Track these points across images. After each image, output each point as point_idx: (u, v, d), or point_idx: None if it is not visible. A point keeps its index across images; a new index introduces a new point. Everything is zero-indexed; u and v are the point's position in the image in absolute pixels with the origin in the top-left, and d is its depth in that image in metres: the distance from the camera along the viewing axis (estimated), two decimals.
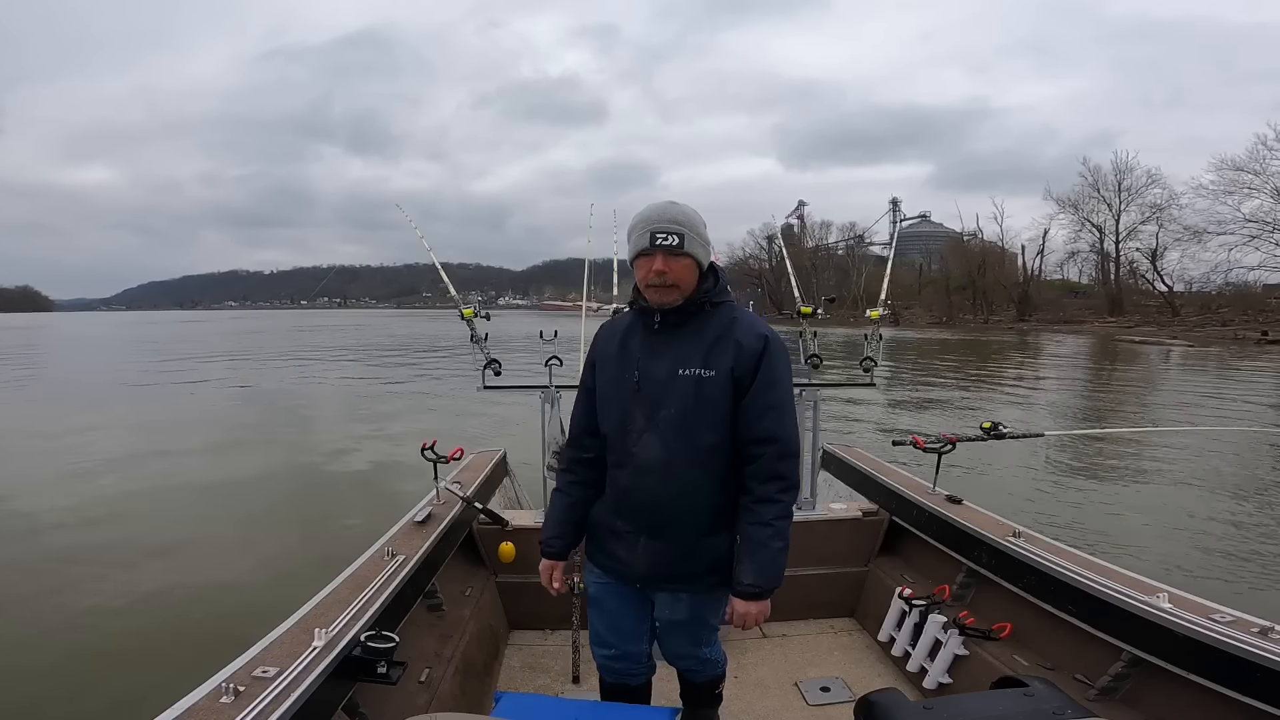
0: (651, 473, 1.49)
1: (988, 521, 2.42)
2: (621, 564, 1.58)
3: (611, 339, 1.59)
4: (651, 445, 1.49)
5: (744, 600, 1.48)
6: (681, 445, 1.47)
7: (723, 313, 1.51)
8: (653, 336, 1.52)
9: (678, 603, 1.59)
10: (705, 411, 1.46)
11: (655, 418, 1.48)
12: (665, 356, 1.49)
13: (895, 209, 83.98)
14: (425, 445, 2.56)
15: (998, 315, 48.53)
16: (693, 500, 1.50)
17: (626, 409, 1.52)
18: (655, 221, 1.45)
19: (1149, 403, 13.15)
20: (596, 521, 1.63)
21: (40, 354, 27.04)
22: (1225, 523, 5.58)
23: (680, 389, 1.47)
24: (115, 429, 9.92)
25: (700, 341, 1.48)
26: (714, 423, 1.46)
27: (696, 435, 1.46)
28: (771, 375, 1.47)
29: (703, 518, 1.51)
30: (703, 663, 1.76)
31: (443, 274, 3.09)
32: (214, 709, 1.24)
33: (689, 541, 1.52)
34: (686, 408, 1.46)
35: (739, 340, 1.47)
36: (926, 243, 72.63)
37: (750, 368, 1.46)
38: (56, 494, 6.40)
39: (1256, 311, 34.45)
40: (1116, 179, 43.59)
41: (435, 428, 3.55)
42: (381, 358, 23.43)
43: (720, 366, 1.46)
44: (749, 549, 1.47)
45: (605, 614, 1.69)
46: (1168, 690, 1.68)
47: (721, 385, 1.45)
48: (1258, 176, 35.22)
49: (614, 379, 1.55)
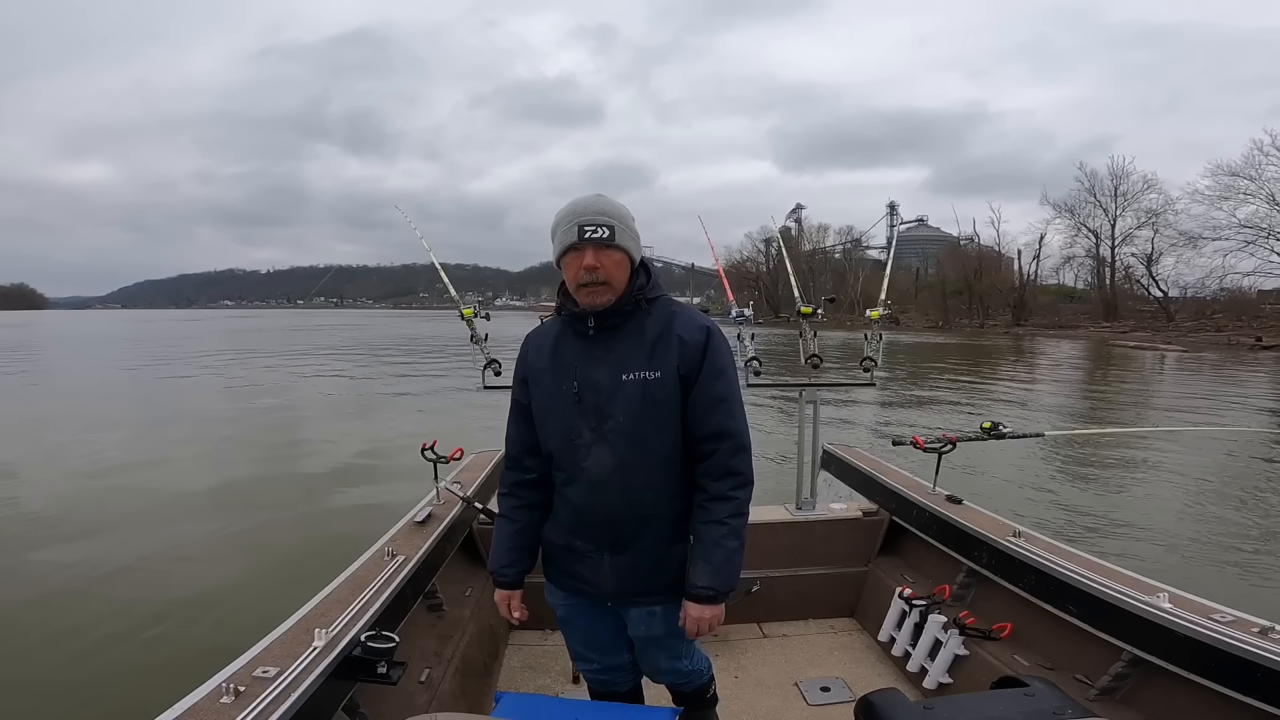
0: (606, 486, 1.41)
1: (988, 521, 2.42)
2: (588, 584, 1.50)
3: (541, 350, 1.49)
4: (602, 457, 1.40)
5: (698, 604, 1.40)
6: (634, 454, 1.39)
7: (659, 309, 1.43)
8: (587, 343, 1.43)
9: (652, 617, 1.51)
10: (655, 415, 1.39)
11: (602, 428, 1.40)
12: (605, 362, 1.40)
13: (893, 213, 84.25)
14: (425, 445, 2.56)
15: (993, 319, 48.67)
16: (653, 509, 1.43)
17: (569, 422, 1.43)
18: (583, 214, 1.36)
19: (1145, 406, 13.21)
20: (552, 543, 1.54)
21: (36, 353, 26.92)
22: (1225, 522, 5.60)
23: (627, 395, 1.38)
24: (114, 430, 9.87)
25: (641, 342, 1.40)
26: (665, 426, 1.39)
27: (649, 441, 1.39)
28: (717, 367, 1.40)
29: (665, 526, 1.44)
30: (686, 675, 1.69)
31: (442, 274, 3.09)
32: (214, 709, 1.24)
33: (655, 552, 1.45)
34: (635, 414, 1.38)
35: (681, 335, 1.39)
36: (923, 246, 72.88)
37: (695, 363, 1.39)
38: (56, 493, 6.37)
39: (1251, 317, 34.61)
40: (1113, 184, 43.92)
41: (435, 428, 3.55)
42: (381, 357, 23.39)
43: (666, 366, 1.38)
44: (703, 550, 1.39)
45: (579, 632, 1.63)
46: (1168, 690, 1.68)
47: (669, 386, 1.38)
48: (1253, 182, 35.48)
49: (550, 392, 1.45)
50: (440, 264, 3.16)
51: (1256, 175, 35.31)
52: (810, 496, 2.86)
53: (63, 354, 26.90)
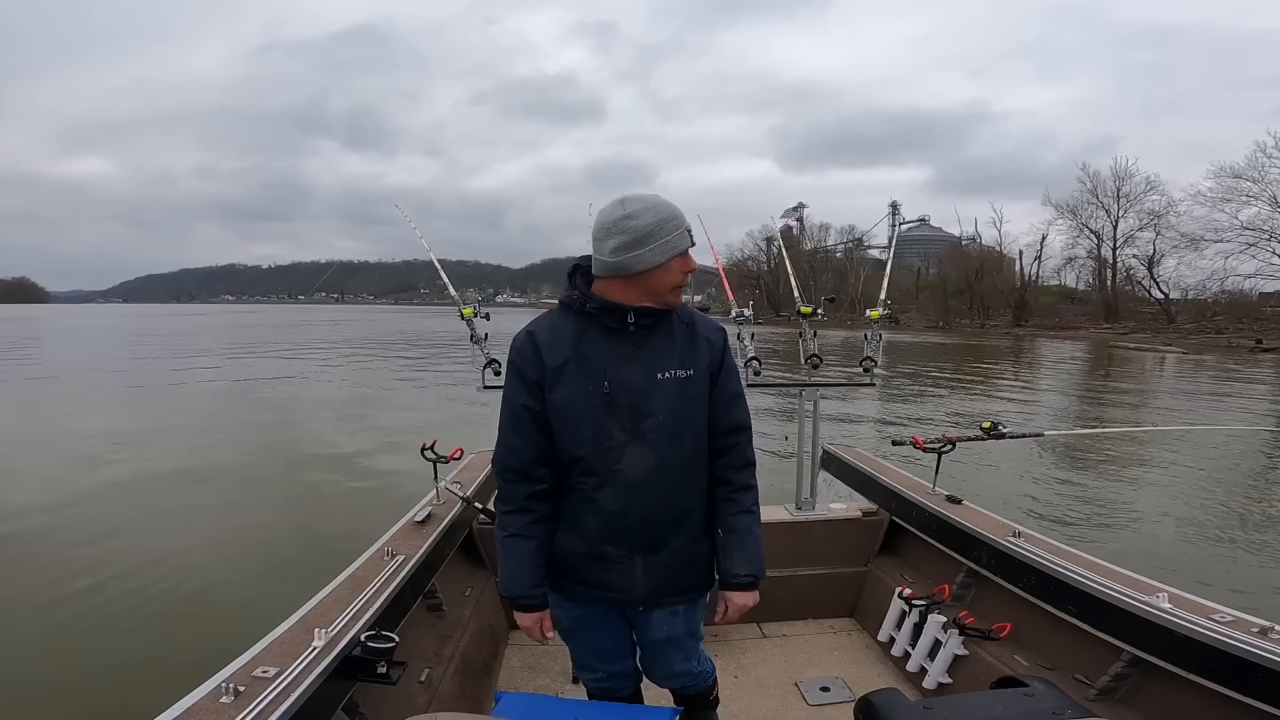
0: (645, 487, 1.39)
1: (988, 521, 2.42)
2: (615, 591, 1.46)
3: (557, 349, 1.38)
4: (640, 458, 1.38)
5: (741, 591, 1.47)
6: (673, 453, 1.40)
7: (681, 310, 1.47)
8: (616, 340, 1.38)
9: (674, 618, 1.53)
10: (691, 414, 1.42)
11: (639, 428, 1.38)
12: (635, 361, 1.38)
13: (894, 212, 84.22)
14: (425, 445, 2.56)
15: (994, 320, 48.64)
16: (687, 506, 1.46)
17: (600, 425, 1.37)
18: (680, 218, 1.37)
19: (1145, 406, 13.20)
20: (570, 553, 1.46)
21: (41, 348, 26.92)
22: (1225, 522, 5.60)
23: (665, 394, 1.39)
24: (115, 428, 9.87)
25: (671, 342, 1.42)
26: (697, 425, 1.44)
27: (685, 440, 1.42)
28: (731, 365, 1.50)
29: (698, 523, 1.48)
30: (695, 676, 1.70)
31: (441, 273, 3.09)
32: (214, 709, 1.24)
33: (689, 550, 1.47)
34: (675, 412, 1.40)
35: (708, 337, 1.46)
36: (925, 247, 72.85)
37: (719, 362, 1.47)
38: (56, 494, 6.36)
39: (1251, 319, 34.54)
40: (1115, 185, 43.83)
41: (435, 428, 3.56)
42: (382, 354, 23.38)
43: (698, 366, 1.43)
44: (738, 540, 1.46)
45: (585, 642, 1.62)
46: (1168, 690, 1.68)
47: (701, 385, 1.43)
48: (1256, 184, 35.42)
49: (575, 392, 1.37)
50: (441, 260, 3.17)
51: (1259, 177, 35.27)
52: (810, 496, 2.86)
53: (67, 349, 26.84)
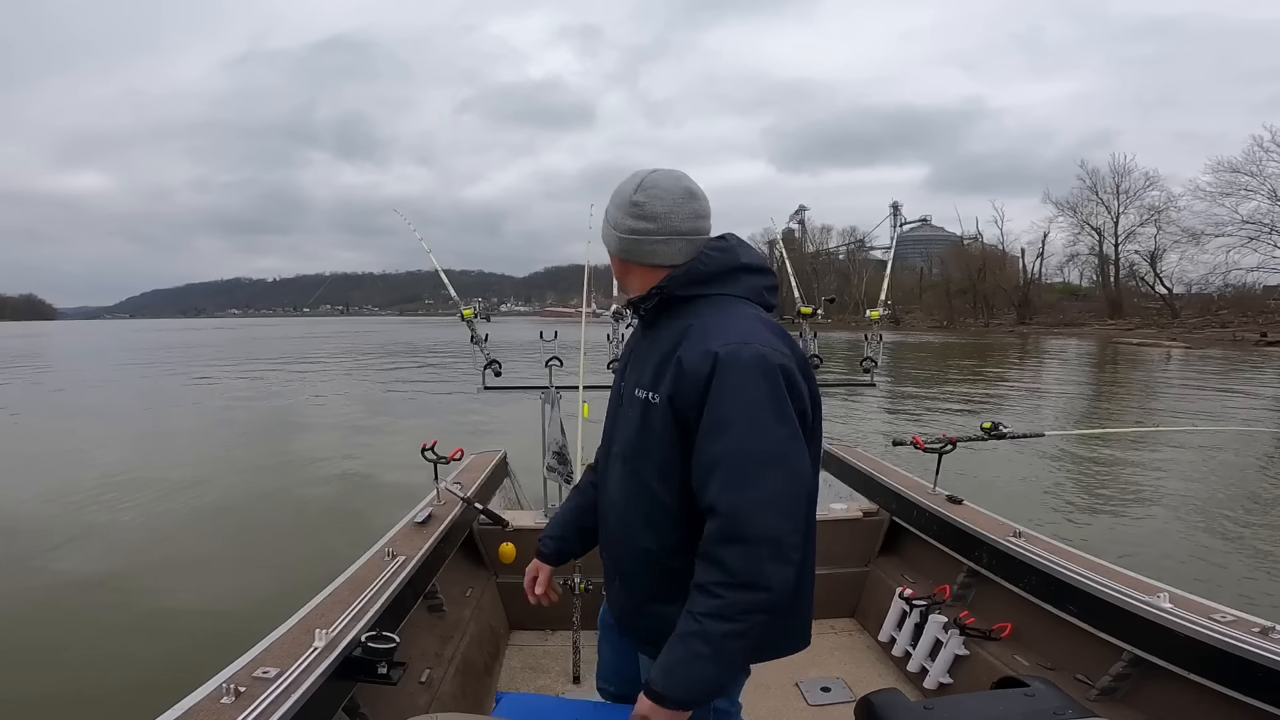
0: (612, 508, 1.21)
1: (988, 521, 2.42)
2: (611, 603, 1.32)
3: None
4: (612, 477, 1.20)
5: (646, 699, 1.03)
6: (632, 484, 1.14)
7: (688, 314, 1.12)
8: (639, 335, 1.24)
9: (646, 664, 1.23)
10: (649, 448, 1.10)
11: (612, 446, 1.22)
12: (634, 365, 1.20)
13: (896, 213, 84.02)
14: (426, 446, 2.56)
15: (998, 319, 48.58)
16: (640, 552, 1.16)
17: (608, 428, 1.27)
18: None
19: (1149, 405, 13.15)
20: None
21: (53, 364, 27.00)
22: (1226, 522, 5.57)
23: (630, 414, 1.15)
24: (119, 436, 9.92)
25: (657, 351, 1.12)
26: (661, 462, 1.09)
27: (644, 476, 1.12)
28: (720, 414, 1.01)
29: (649, 576, 1.16)
30: None
31: (442, 275, 3.10)
32: (214, 709, 1.24)
33: (638, 598, 1.20)
34: (630, 439, 1.14)
35: (680, 358, 1.05)
36: (927, 247, 72.70)
37: (693, 400, 1.03)
38: (58, 494, 6.39)
39: (1256, 313, 34.53)
40: (1114, 181, 43.90)
41: (436, 429, 3.57)
42: (384, 361, 23.43)
43: (663, 392, 1.07)
44: (671, 639, 1.04)
45: (605, 653, 1.44)
46: (1168, 690, 1.68)
47: (664, 417, 1.07)
48: (1254, 178, 35.40)
49: (614, 387, 1.29)
50: (443, 269, 3.17)
51: (1258, 171, 35.36)
52: None
53: (79, 364, 26.93)
